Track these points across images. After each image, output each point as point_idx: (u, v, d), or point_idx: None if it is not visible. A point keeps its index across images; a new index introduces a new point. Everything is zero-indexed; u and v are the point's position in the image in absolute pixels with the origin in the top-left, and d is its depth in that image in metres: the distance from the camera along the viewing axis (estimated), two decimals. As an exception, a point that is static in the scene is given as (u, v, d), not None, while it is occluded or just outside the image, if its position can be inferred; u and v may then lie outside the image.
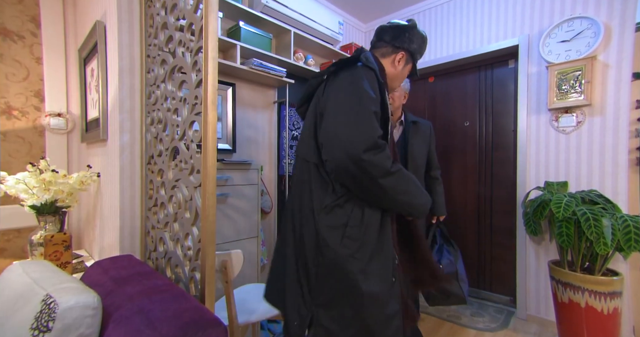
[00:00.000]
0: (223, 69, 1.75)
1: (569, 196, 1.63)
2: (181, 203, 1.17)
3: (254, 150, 2.03)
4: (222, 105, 1.80)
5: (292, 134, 2.25)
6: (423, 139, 1.78)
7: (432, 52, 2.51)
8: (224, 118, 1.80)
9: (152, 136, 1.38)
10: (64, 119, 1.94)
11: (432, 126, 1.85)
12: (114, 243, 1.47)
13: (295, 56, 2.15)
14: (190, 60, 1.11)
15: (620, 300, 1.50)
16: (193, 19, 1.08)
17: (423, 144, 1.77)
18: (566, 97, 1.84)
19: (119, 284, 0.95)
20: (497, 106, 2.31)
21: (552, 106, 1.89)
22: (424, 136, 1.78)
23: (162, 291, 0.90)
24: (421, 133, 1.78)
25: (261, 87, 2.06)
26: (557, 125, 1.91)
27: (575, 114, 1.84)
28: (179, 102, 1.18)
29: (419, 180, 1.77)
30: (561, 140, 1.91)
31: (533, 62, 2.02)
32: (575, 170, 1.86)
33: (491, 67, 2.35)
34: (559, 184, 1.86)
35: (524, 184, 2.05)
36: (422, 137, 1.77)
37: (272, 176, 2.15)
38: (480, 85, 2.40)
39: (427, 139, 1.80)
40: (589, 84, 1.76)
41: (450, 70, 2.53)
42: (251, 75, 1.87)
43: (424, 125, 1.80)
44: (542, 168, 1.98)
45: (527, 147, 2.04)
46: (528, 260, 2.02)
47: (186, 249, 1.14)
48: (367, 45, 2.96)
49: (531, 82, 2.03)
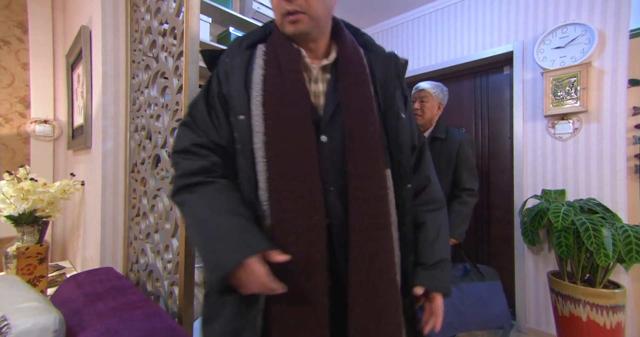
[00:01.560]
0: (213, 75, 1.72)
1: (567, 204, 1.58)
2: (161, 213, 1.11)
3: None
4: (212, 111, 1.76)
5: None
6: (447, 158, 1.55)
7: (427, 58, 2.49)
8: (213, 125, 1.76)
9: (136, 143, 1.34)
10: (50, 125, 1.90)
11: (465, 141, 1.56)
12: (96, 254, 1.41)
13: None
14: (172, 65, 1.07)
15: (623, 314, 1.45)
16: (175, 23, 1.05)
17: (443, 163, 1.54)
18: (562, 103, 1.81)
19: (90, 300, 0.89)
20: (493, 113, 2.28)
21: (548, 113, 1.86)
22: (448, 154, 1.55)
23: (135, 308, 0.84)
24: (445, 151, 1.56)
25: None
26: (554, 132, 1.88)
27: (572, 121, 1.81)
28: (161, 109, 1.14)
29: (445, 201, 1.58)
30: (558, 148, 1.87)
31: (528, 68, 2.00)
32: (572, 178, 1.81)
33: (486, 74, 2.33)
34: (557, 192, 1.81)
35: (521, 192, 2.01)
36: (445, 156, 1.56)
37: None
38: (475, 91, 2.37)
39: (452, 158, 1.54)
40: (584, 90, 1.73)
41: (446, 76, 2.51)
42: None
43: (451, 141, 1.56)
44: (539, 176, 1.94)
45: (523, 155, 2.01)
46: (527, 271, 1.96)
47: (166, 262, 1.08)
48: (362, 52, 2.95)
49: (526, 88, 2.01)
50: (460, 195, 1.53)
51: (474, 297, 1.41)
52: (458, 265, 1.56)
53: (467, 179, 1.54)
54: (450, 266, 0.83)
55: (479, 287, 1.45)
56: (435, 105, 1.61)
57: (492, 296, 1.44)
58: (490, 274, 1.51)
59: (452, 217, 1.49)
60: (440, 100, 1.63)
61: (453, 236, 1.50)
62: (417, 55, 2.56)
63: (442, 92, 1.64)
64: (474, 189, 1.54)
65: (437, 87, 1.63)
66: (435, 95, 1.61)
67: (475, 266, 1.53)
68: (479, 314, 1.40)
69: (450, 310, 1.37)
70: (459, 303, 1.39)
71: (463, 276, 1.49)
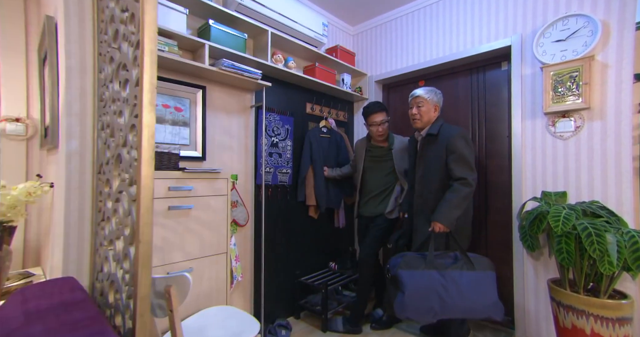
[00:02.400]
0: (191, 70, 1.62)
1: (568, 207, 1.48)
2: (122, 218, 1.02)
3: (227, 158, 1.88)
4: (191, 109, 1.66)
5: (272, 140, 2.11)
6: (436, 152, 1.67)
7: (422, 54, 2.39)
8: (192, 123, 1.66)
9: (102, 142, 1.24)
10: (23, 124, 1.80)
11: (455, 134, 1.63)
12: (59, 262, 1.31)
13: (274, 58, 2.03)
14: (131, 56, 0.97)
15: (630, 327, 1.34)
16: (134, 9, 0.95)
17: (435, 157, 1.68)
18: (563, 100, 1.71)
19: (29, 319, 0.79)
20: (491, 111, 2.18)
21: (548, 110, 1.75)
22: (438, 148, 1.67)
23: (76, 329, 0.74)
24: (436, 145, 1.68)
25: (236, 90, 1.92)
26: (554, 130, 1.77)
27: (574, 118, 1.70)
28: (122, 104, 1.05)
29: (437, 191, 1.65)
30: (559, 147, 1.77)
31: (527, 63, 1.89)
32: (574, 179, 1.71)
33: (483, 70, 2.22)
34: (557, 194, 1.71)
35: (519, 194, 1.90)
36: (435, 150, 1.68)
37: (248, 185, 2.00)
38: (472, 89, 2.27)
39: (442, 151, 1.65)
40: (587, 85, 1.62)
41: (441, 73, 2.41)
42: (224, 78, 1.74)
43: (442, 136, 1.67)
44: (539, 177, 1.84)
45: (522, 154, 1.90)
46: (526, 277, 1.85)
47: (124, 272, 0.99)
48: (356, 49, 2.85)
49: (525, 84, 1.90)
50: (452, 184, 1.61)
51: (461, 285, 1.41)
52: (449, 253, 1.55)
53: (458, 169, 1.60)
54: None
55: (466, 276, 1.44)
56: (431, 109, 1.75)
57: (480, 286, 1.43)
58: (482, 263, 1.49)
59: (442, 204, 1.59)
60: (435, 102, 1.76)
61: (442, 222, 1.57)
62: (410, 51, 2.46)
63: (436, 95, 1.77)
64: (466, 177, 1.58)
65: (430, 91, 1.77)
66: (430, 99, 1.74)
67: (466, 255, 1.51)
68: (462, 302, 1.40)
69: (433, 296, 1.41)
70: (442, 290, 1.41)
71: (452, 264, 1.48)
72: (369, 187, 2.13)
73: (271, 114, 2.10)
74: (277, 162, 2.14)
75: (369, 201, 2.12)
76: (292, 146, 2.24)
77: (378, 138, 2.08)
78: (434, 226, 1.60)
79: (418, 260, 1.50)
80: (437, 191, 1.68)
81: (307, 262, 2.38)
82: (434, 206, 1.66)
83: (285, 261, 2.21)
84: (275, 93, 2.15)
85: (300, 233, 2.33)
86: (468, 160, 1.60)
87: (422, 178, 1.73)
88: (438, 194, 1.67)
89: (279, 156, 2.16)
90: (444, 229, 1.57)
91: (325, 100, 2.48)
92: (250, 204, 2.00)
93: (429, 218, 1.66)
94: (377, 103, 2.09)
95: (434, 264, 1.46)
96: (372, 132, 2.08)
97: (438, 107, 1.76)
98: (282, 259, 2.19)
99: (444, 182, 1.66)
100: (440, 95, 1.78)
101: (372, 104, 2.09)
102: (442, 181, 1.66)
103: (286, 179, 2.21)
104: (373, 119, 2.03)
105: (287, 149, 2.21)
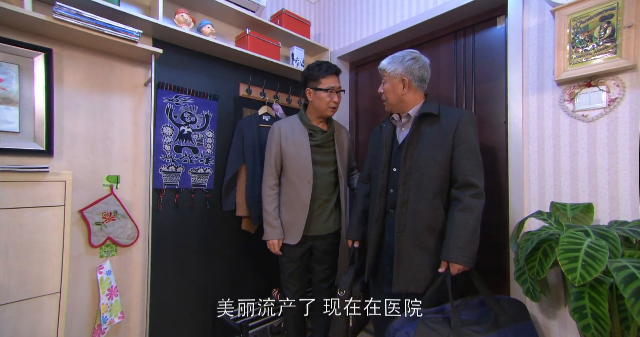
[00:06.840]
0: (22, 22, 1.12)
1: (595, 232, 0.85)
2: None
3: (101, 152, 1.37)
4: (22, 81, 1.16)
5: (181, 130, 1.59)
6: (437, 141, 1.15)
7: (392, 16, 1.80)
8: (25, 103, 1.16)
9: None
10: None
11: (465, 117, 1.14)
12: None
13: (176, 18, 1.51)
14: None
15: None
16: None
17: (434, 148, 1.15)
18: (588, 58, 1.07)
19: None
20: (481, 88, 1.55)
21: (563, 76, 1.12)
22: (438, 136, 1.15)
23: None
24: (437, 131, 1.15)
25: (115, 60, 1.41)
26: (573, 107, 1.14)
27: (606, 87, 1.07)
28: None
29: (433, 199, 1.13)
30: (581, 133, 1.13)
31: (531, 10, 1.27)
32: (607, 183, 1.07)
33: (472, 31, 1.60)
34: (577, 207, 1.07)
35: (519, 205, 1.28)
36: (435, 138, 1.15)
37: (139, 190, 1.48)
38: (458, 59, 1.65)
39: (445, 140, 1.13)
40: (631, 29, 0.99)
41: (419, 41, 1.81)
42: (82, 38, 1.23)
43: (447, 118, 1.15)
44: (548, 181, 1.21)
45: (523, 147, 1.28)
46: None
47: None
48: (316, 19, 2.29)
49: (529, 42, 1.28)
50: (461, 197, 1.10)
51: None
52: (472, 300, 1.11)
53: (470, 169, 1.11)
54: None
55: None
56: (396, 84, 1.23)
57: None
58: (515, 308, 1.06)
59: (456, 233, 1.06)
60: (400, 74, 1.21)
61: (463, 262, 1.04)
62: (378, 14, 1.87)
63: (402, 63, 1.21)
64: (478, 185, 1.10)
65: (393, 59, 1.24)
66: (392, 70, 1.22)
67: (496, 302, 1.06)
68: None
69: None
70: None
71: (486, 322, 1.00)
72: (316, 193, 1.52)
73: (179, 95, 1.58)
74: (189, 160, 1.62)
75: (314, 213, 1.51)
76: (215, 138, 1.71)
77: (328, 112, 1.48)
78: (450, 268, 1.07)
79: (442, 325, 0.97)
80: (433, 199, 1.13)
81: (241, 290, 1.83)
82: (430, 223, 1.13)
83: (203, 289, 1.68)
84: (188, 68, 1.64)
85: (229, 253, 1.79)
86: (480, 159, 1.13)
87: (408, 179, 1.16)
88: (434, 203, 1.13)
89: (193, 152, 1.63)
90: (463, 268, 1.06)
91: (269, 80, 1.93)
92: (144, 216, 1.48)
93: (424, 242, 1.13)
94: (333, 64, 1.49)
95: (463, 332, 0.94)
96: (321, 102, 1.44)
97: (408, 80, 1.20)
98: (198, 286, 1.66)
99: (443, 187, 1.15)
100: (410, 62, 1.20)
101: (325, 62, 1.48)
102: (440, 185, 1.15)
103: (204, 181, 1.68)
104: (329, 83, 1.42)
105: (206, 143, 1.68)
